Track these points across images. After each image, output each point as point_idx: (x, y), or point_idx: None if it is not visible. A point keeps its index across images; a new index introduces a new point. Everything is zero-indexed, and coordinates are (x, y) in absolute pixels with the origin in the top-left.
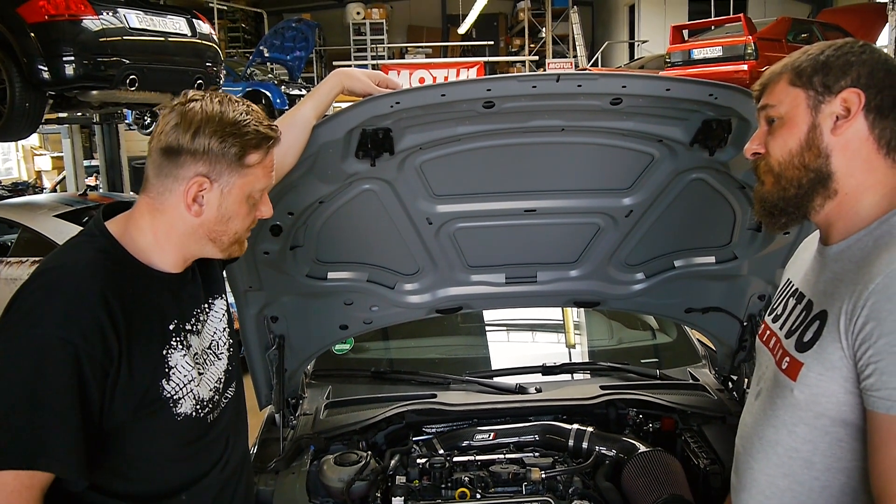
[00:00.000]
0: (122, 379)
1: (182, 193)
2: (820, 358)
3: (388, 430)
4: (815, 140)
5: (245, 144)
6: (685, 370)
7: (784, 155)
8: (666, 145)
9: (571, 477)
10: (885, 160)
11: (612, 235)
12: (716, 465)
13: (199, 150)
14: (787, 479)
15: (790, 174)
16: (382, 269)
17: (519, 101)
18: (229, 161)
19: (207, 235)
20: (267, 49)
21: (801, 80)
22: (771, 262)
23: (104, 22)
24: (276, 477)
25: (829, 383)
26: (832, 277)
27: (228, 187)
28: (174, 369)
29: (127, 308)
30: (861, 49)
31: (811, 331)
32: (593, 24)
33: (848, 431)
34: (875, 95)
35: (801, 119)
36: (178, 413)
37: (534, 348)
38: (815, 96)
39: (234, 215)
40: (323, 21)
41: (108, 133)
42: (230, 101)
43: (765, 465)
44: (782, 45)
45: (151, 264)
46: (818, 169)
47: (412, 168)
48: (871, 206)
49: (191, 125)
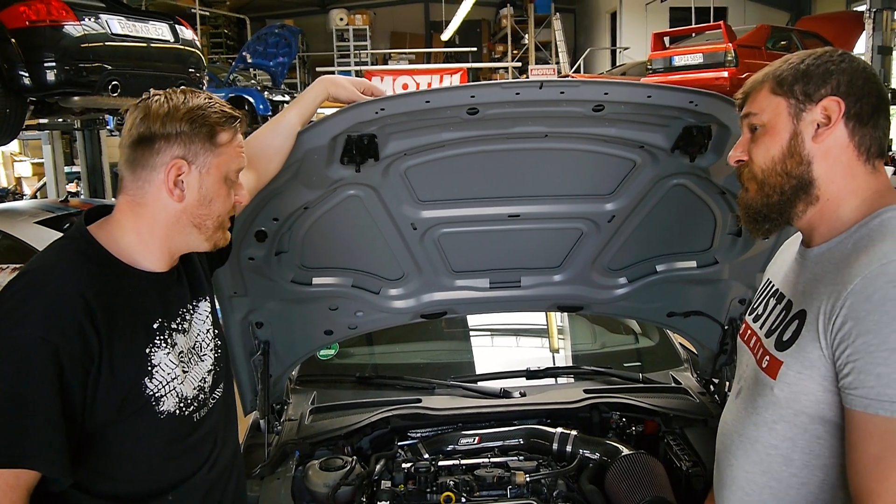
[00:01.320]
0: (103, 378)
1: (161, 181)
2: (799, 357)
3: (373, 434)
4: (797, 147)
5: (214, 123)
6: (668, 374)
7: (767, 162)
8: (647, 151)
9: (555, 480)
10: (864, 166)
11: (595, 240)
12: (698, 468)
13: (171, 134)
14: (766, 475)
15: (773, 181)
16: (367, 274)
17: (503, 107)
18: (202, 141)
19: (191, 221)
20: (250, 55)
21: (782, 88)
22: (751, 267)
23: (86, 28)
24: (261, 483)
25: (808, 381)
26: (811, 278)
27: (206, 168)
28: (157, 367)
29: (108, 307)
30: (841, 58)
31: (790, 330)
32: (576, 30)
33: (826, 429)
34: (854, 103)
35: (783, 127)
36: (161, 411)
37: (518, 353)
38: (796, 104)
39: (214, 196)
40: (306, 27)
41: (89, 139)
42: (191, 92)
43: (744, 462)
44: (762, 53)
45: (135, 264)
46: (800, 176)
47: (397, 174)
48: (852, 211)
49: (159, 114)
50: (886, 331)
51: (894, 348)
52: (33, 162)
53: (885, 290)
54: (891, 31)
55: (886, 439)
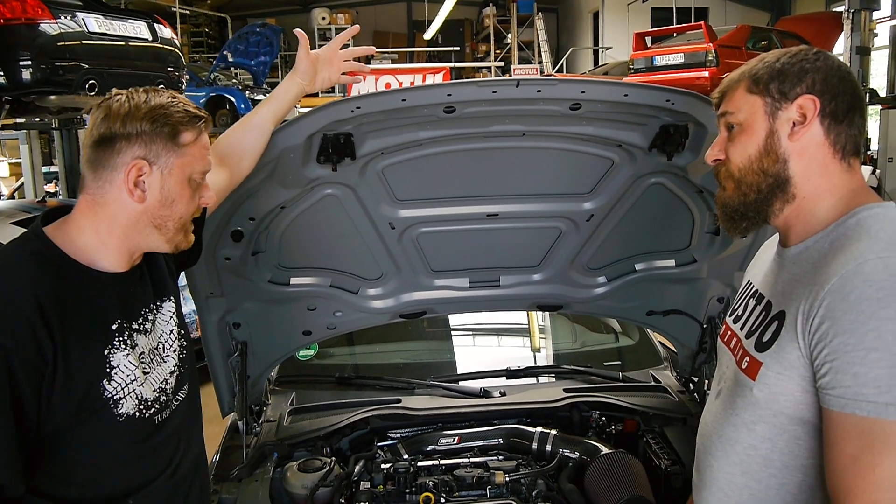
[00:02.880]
0: (58, 380)
1: (122, 181)
2: (778, 357)
3: (353, 435)
4: (773, 146)
5: (176, 123)
6: (647, 372)
7: (744, 161)
8: (625, 150)
9: (535, 479)
10: (840, 164)
11: (574, 239)
12: (677, 466)
13: (132, 134)
14: (746, 476)
15: (750, 179)
16: (346, 274)
17: (479, 106)
18: (164, 141)
19: (152, 222)
20: (231, 54)
21: (758, 87)
22: (729, 265)
23: (62, 26)
24: (238, 485)
25: (787, 382)
26: (790, 279)
27: (168, 168)
28: (116, 369)
29: (62, 309)
30: (815, 56)
31: (770, 331)
32: (558, 30)
33: (805, 430)
34: (830, 101)
35: (759, 125)
36: (120, 413)
37: (498, 352)
38: (772, 103)
39: (177, 198)
40: (288, 26)
41: (67, 139)
42: (154, 91)
43: (724, 463)
44: (742, 53)
45: (93, 264)
46: (776, 174)
47: (374, 173)
48: (828, 210)
49: (120, 113)
50: (862, 330)
51: (871, 348)
52: (10, 162)
53: (861, 290)
54: (869, 31)
55: (863, 439)
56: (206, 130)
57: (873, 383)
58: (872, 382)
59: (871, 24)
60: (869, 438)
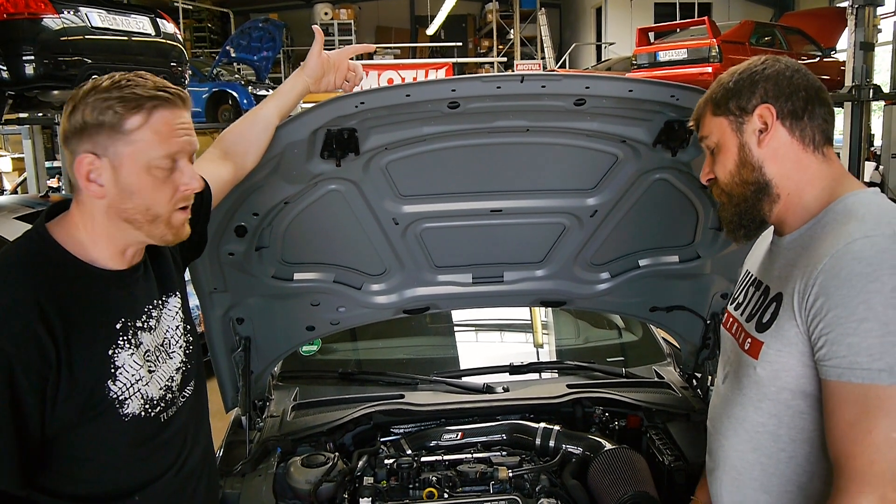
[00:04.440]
0: (63, 383)
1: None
2: (778, 335)
3: (356, 430)
4: (747, 157)
5: (120, 109)
6: (650, 368)
7: (727, 177)
8: (629, 146)
9: (538, 475)
10: (814, 155)
11: (578, 235)
12: (680, 462)
13: (76, 127)
14: (756, 452)
15: (737, 192)
16: (349, 269)
17: (484, 101)
18: (107, 130)
19: (119, 216)
20: (233, 49)
21: (719, 109)
22: (733, 261)
23: (65, 21)
24: (242, 480)
25: (788, 358)
26: (785, 263)
27: (118, 159)
28: (121, 369)
29: (64, 311)
30: (764, 65)
31: (769, 312)
32: (561, 25)
33: (808, 403)
34: (785, 103)
35: (730, 142)
36: (125, 414)
37: (501, 348)
38: (735, 120)
39: (136, 189)
40: (290, 21)
41: None
42: (120, 75)
43: (735, 442)
44: (745, 48)
45: (93, 262)
46: (756, 181)
47: (378, 168)
48: (815, 199)
49: (66, 109)
50: (854, 303)
51: (862, 318)
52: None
53: (851, 267)
54: (873, 27)
55: (860, 404)
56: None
57: (866, 352)
58: (865, 351)
59: (875, 19)
60: (865, 404)
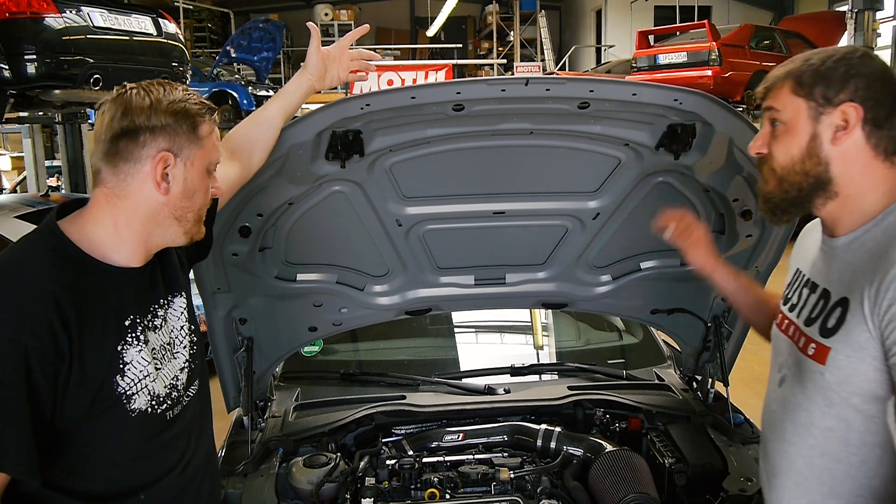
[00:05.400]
0: (73, 377)
1: (147, 173)
2: (847, 341)
3: (358, 431)
4: (816, 149)
5: (195, 115)
6: (651, 370)
7: (787, 161)
8: (632, 149)
9: (539, 476)
10: (882, 164)
11: (580, 238)
12: (681, 464)
13: (157, 127)
14: (825, 457)
15: (792, 179)
16: (352, 270)
17: (488, 104)
18: (186, 133)
19: (173, 214)
20: (234, 49)
21: (802, 90)
22: (734, 264)
23: (67, 20)
24: (244, 480)
25: (859, 363)
26: (846, 267)
27: (191, 160)
28: (129, 365)
29: (78, 305)
30: (860, 60)
31: (834, 317)
32: (561, 28)
33: (879, 407)
34: (871, 108)
35: (803, 128)
36: (133, 409)
37: (502, 349)
38: (815, 107)
39: (198, 189)
40: (291, 22)
41: (70, 133)
42: (168, 84)
43: (801, 448)
44: (745, 52)
45: (108, 259)
46: (818, 175)
47: (382, 170)
48: (874, 203)
49: (142, 106)
50: None
51: None
52: (13, 156)
53: None
54: (872, 31)
55: None
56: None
57: None
58: None
59: (875, 24)
60: None
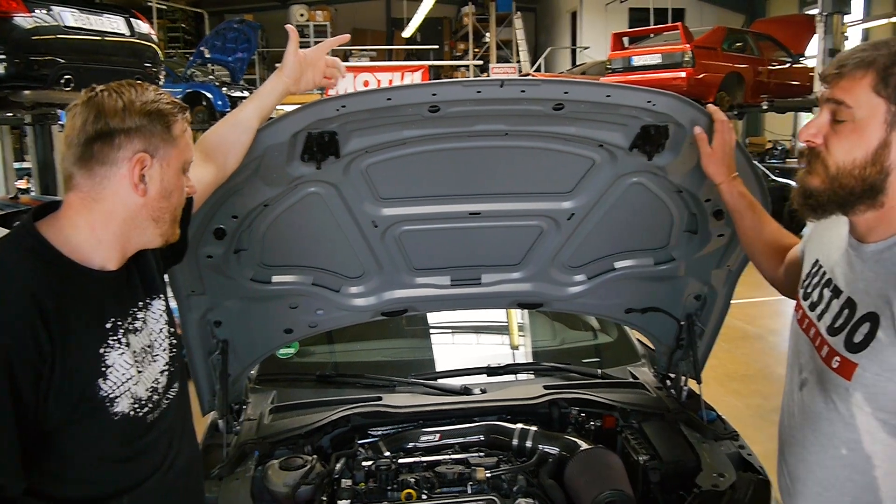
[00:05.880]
0: (56, 380)
1: (124, 175)
2: (876, 359)
3: (334, 433)
4: (881, 157)
5: (169, 114)
6: (625, 369)
7: (847, 162)
8: (606, 150)
9: (516, 476)
10: None
11: (555, 238)
12: (655, 461)
13: (132, 128)
14: (848, 469)
15: (846, 181)
16: (328, 272)
17: (464, 105)
18: (161, 133)
19: (150, 215)
20: (208, 50)
21: (886, 90)
22: (706, 264)
23: (37, 20)
24: (219, 483)
25: (888, 383)
26: (875, 277)
27: (166, 160)
28: (111, 368)
29: (60, 308)
30: None
31: (861, 332)
32: (536, 29)
33: None
34: None
35: (874, 132)
36: (115, 412)
37: (478, 350)
38: (895, 112)
39: (174, 188)
40: (266, 22)
41: (40, 134)
42: (138, 85)
43: (822, 457)
44: (718, 54)
45: (86, 262)
46: (874, 183)
47: (358, 171)
48: None
49: (116, 109)
50: None
51: None
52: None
53: None
54: (841, 34)
55: None
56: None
57: None
58: None
59: (843, 26)
60: None
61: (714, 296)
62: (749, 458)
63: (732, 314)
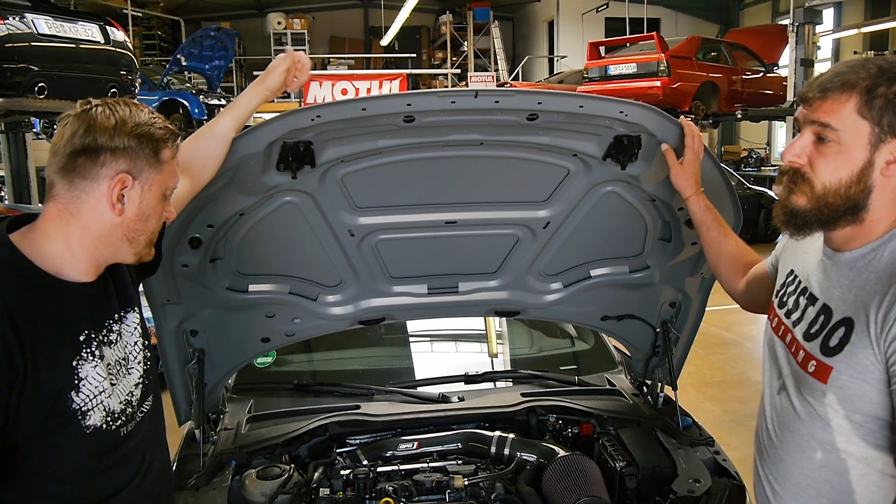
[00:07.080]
0: (27, 391)
1: (103, 192)
2: (850, 362)
3: (312, 442)
4: (865, 176)
5: (159, 140)
6: (602, 376)
7: (832, 182)
8: (580, 159)
9: (493, 483)
10: None
11: (531, 246)
12: (631, 467)
13: (119, 148)
14: (825, 470)
15: (832, 200)
16: (304, 281)
17: (439, 115)
18: (147, 157)
19: (125, 235)
20: (184, 57)
21: (871, 112)
22: (680, 271)
23: (10, 27)
24: (196, 493)
25: (862, 385)
26: (849, 285)
27: (148, 184)
28: (84, 381)
29: (32, 319)
30: None
31: (836, 336)
32: (514, 38)
33: (880, 424)
34: None
35: (860, 152)
36: (87, 425)
37: (456, 358)
38: (878, 134)
39: (152, 213)
40: (243, 30)
41: (14, 142)
42: (134, 105)
43: (799, 459)
44: (693, 63)
45: (60, 273)
46: (856, 202)
47: (334, 180)
48: (886, 226)
49: (106, 126)
50: None
51: None
52: None
53: None
54: (813, 44)
55: None
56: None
57: None
58: None
59: (815, 37)
60: None
61: (689, 303)
62: (724, 463)
63: (709, 321)
